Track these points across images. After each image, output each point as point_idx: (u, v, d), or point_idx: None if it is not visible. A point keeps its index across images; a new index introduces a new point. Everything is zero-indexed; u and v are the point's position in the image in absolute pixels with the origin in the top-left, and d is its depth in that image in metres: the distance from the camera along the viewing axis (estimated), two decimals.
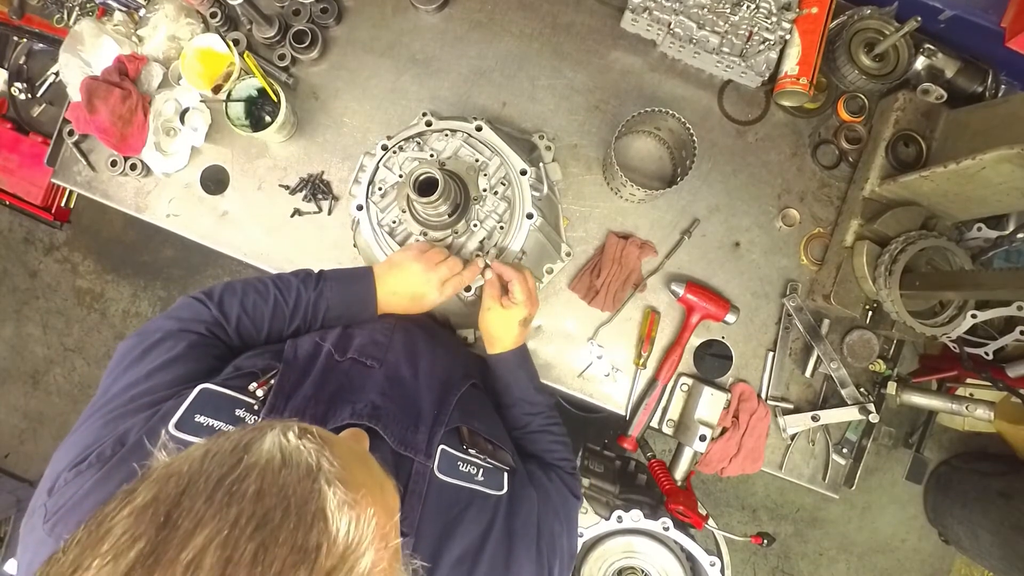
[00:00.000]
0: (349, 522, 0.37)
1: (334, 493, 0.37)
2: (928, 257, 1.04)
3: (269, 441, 0.39)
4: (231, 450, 0.38)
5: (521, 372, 0.92)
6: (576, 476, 0.88)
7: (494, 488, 0.68)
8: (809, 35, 1.08)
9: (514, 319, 0.90)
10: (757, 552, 2.26)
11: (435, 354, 0.83)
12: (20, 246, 2.41)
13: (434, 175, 0.84)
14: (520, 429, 0.90)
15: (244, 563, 0.33)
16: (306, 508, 0.36)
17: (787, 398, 1.13)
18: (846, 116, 1.15)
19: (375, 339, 0.80)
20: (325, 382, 0.70)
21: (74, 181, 1.19)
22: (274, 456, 0.38)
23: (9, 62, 1.44)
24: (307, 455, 0.39)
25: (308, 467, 0.38)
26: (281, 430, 0.40)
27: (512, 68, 1.18)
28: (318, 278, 0.87)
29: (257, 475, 0.37)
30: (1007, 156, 0.83)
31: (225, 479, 0.36)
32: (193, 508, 0.34)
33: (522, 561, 0.66)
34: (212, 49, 1.12)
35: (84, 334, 2.41)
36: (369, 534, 0.38)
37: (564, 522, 0.77)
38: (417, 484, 0.62)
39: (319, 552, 0.35)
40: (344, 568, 0.35)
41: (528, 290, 0.91)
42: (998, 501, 1.90)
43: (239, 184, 1.17)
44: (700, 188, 1.16)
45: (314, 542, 0.35)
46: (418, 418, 0.69)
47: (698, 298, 1.10)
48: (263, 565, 0.33)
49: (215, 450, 0.38)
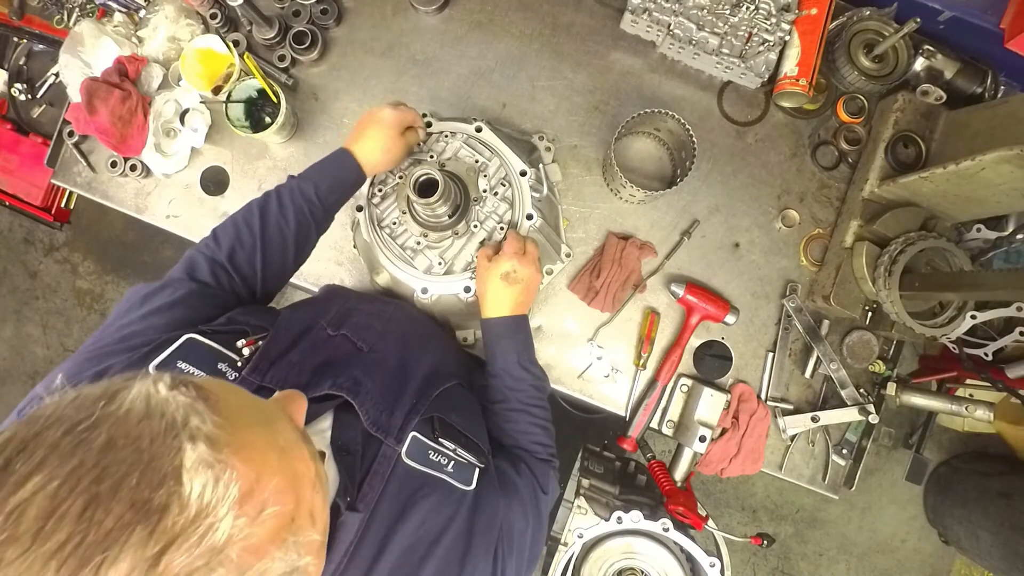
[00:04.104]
0: (206, 484, 0.34)
1: (195, 450, 0.34)
2: (928, 258, 1.04)
3: (136, 391, 0.36)
4: (96, 397, 0.36)
5: (508, 342, 0.90)
6: (551, 464, 0.86)
7: (462, 483, 0.67)
8: (808, 36, 1.08)
9: (497, 271, 0.89)
10: (757, 553, 2.26)
11: (425, 349, 0.84)
12: (20, 246, 2.41)
13: (434, 176, 0.84)
14: (499, 403, 0.88)
15: (71, 516, 0.30)
16: (158, 464, 0.33)
17: (787, 399, 1.13)
18: (845, 117, 1.15)
19: (371, 324, 0.81)
20: (313, 353, 0.71)
21: (74, 182, 1.19)
22: (135, 407, 0.35)
23: (9, 63, 1.45)
24: (174, 408, 0.36)
25: (172, 421, 0.35)
26: (153, 380, 0.37)
27: (512, 69, 1.18)
28: (291, 177, 0.90)
29: (112, 424, 0.34)
30: (1007, 157, 0.83)
31: (78, 426, 0.33)
32: (35, 453, 0.32)
33: (478, 560, 0.64)
34: (212, 50, 1.12)
35: (84, 334, 2.41)
36: (231, 499, 0.34)
37: (531, 518, 0.75)
38: (381, 466, 0.63)
39: (165, 512, 0.32)
40: (195, 534, 0.32)
41: (519, 245, 0.91)
42: (998, 501, 1.90)
43: (239, 185, 1.17)
44: (700, 189, 1.16)
45: (160, 501, 0.32)
46: (395, 403, 0.69)
47: (698, 299, 1.10)
48: (91, 521, 0.30)
49: (83, 395, 0.36)
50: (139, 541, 0.30)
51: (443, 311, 1.03)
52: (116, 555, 0.30)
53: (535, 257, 0.92)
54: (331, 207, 0.91)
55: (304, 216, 0.87)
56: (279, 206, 0.86)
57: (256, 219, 0.84)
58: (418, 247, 0.98)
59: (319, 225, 0.90)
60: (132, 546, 0.30)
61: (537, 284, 0.93)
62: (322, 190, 0.88)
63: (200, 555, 0.32)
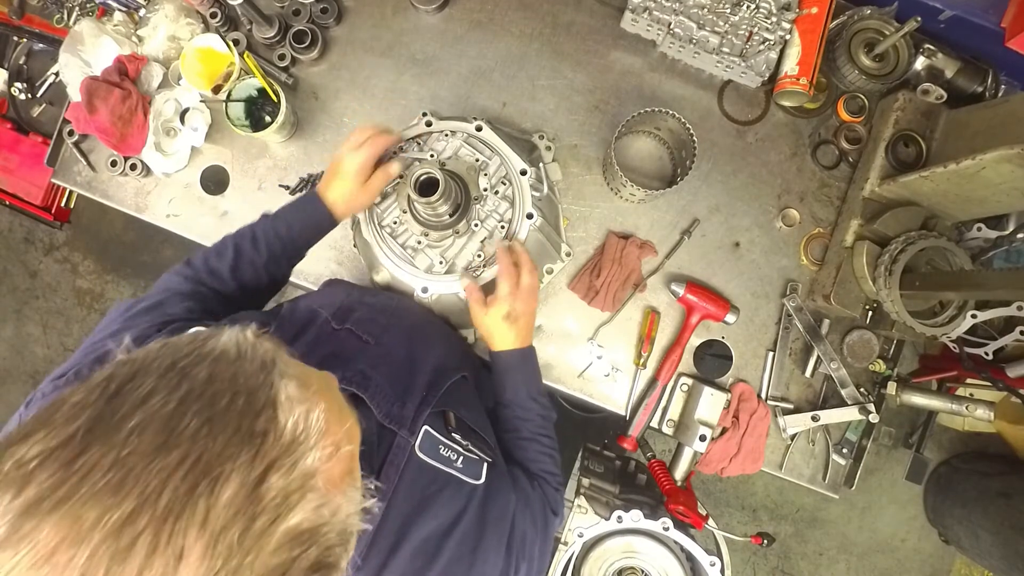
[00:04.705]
0: (298, 416, 0.37)
1: (286, 386, 0.38)
2: (928, 257, 1.04)
3: (227, 336, 0.40)
4: (188, 342, 0.39)
5: (515, 375, 0.91)
6: (560, 492, 0.87)
7: (472, 477, 0.68)
8: (809, 35, 1.08)
9: (496, 315, 0.89)
10: (757, 552, 2.26)
11: (432, 341, 0.84)
12: (20, 246, 2.41)
13: (435, 175, 0.84)
14: (510, 432, 0.89)
15: (187, 435, 0.33)
16: (256, 396, 0.37)
17: (787, 398, 1.13)
18: (846, 116, 1.15)
19: (375, 318, 0.80)
20: (317, 345, 0.71)
21: (74, 181, 1.19)
22: (229, 348, 0.39)
23: (9, 62, 1.44)
24: (263, 351, 0.40)
25: (263, 361, 0.39)
26: (240, 328, 0.41)
27: (512, 68, 1.18)
28: (265, 215, 0.90)
29: (211, 362, 0.37)
30: (1007, 156, 0.83)
31: (179, 363, 0.37)
32: (144, 383, 0.35)
33: (489, 552, 0.65)
34: (212, 49, 1.12)
35: (84, 334, 2.40)
36: (318, 432, 0.38)
37: (539, 532, 0.76)
38: (396, 457, 0.63)
39: (265, 438, 0.35)
40: (289, 459, 0.36)
41: (512, 281, 0.89)
42: (998, 501, 1.90)
43: (239, 184, 1.17)
44: (700, 188, 1.16)
45: (261, 428, 0.35)
46: (406, 395, 0.69)
47: (698, 298, 1.10)
48: (207, 440, 0.33)
49: (173, 342, 0.39)
50: (246, 461, 0.34)
51: (443, 310, 1.03)
52: (228, 473, 0.33)
53: (528, 288, 0.90)
54: (302, 247, 0.91)
55: (272, 255, 0.87)
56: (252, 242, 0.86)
57: (230, 248, 0.85)
58: (419, 246, 0.98)
59: (290, 261, 0.91)
60: (241, 466, 0.34)
61: (534, 310, 0.93)
62: (295, 230, 0.88)
63: (295, 479, 0.36)
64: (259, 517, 0.33)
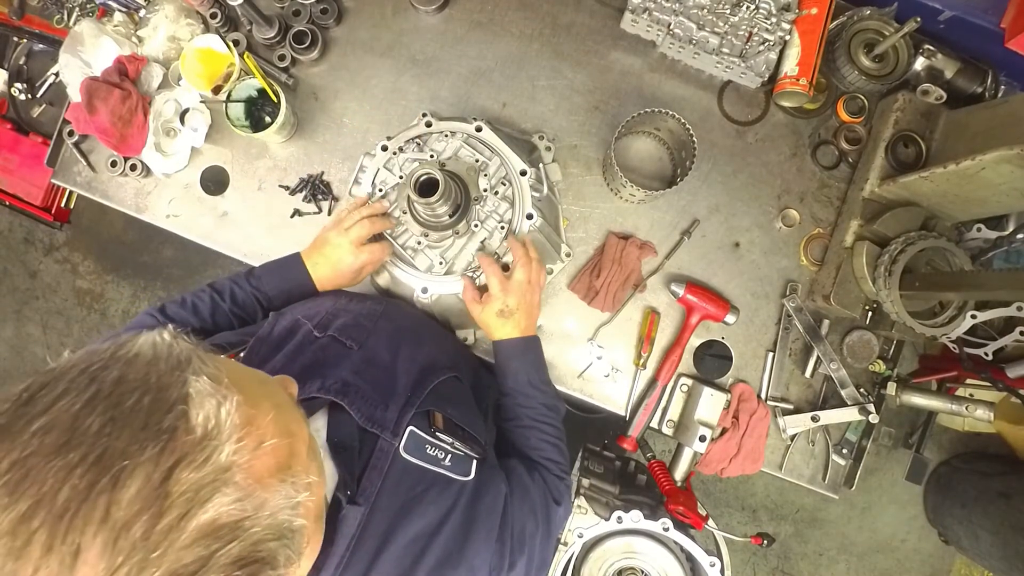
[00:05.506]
0: (209, 411, 0.37)
1: (199, 382, 0.38)
2: (928, 258, 1.04)
3: (143, 338, 0.41)
4: (106, 348, 0.40)
5: (517, 363, 0.92)
6: (564, 481, 0.86)
7: (460, 474, 0.68)
8: (809, 36, 1.08)
9: (490, 312, 0.91)
10: (757, 552, 2.26)
11: (420, 343, 0.84)
12: (20, 246, 2.41)
13: (434, 176, 0.84)
14: (511, 421, 0.90)
15: (90, 433, 0.34)
16: (166, 393, 0.37)
17: (787, 398, 1.13)
18: (846, 117, 1.15)
19: (359, 322, 0.80)
20: (298, 355, 0.71)
21: (74, 181, 1.19)
22: (144, 352, 0.39)
23: (9, 62, 1.44)
24: (179, 351, 0.40)
25: (178, 360, 0.39)
26: (158, 331, 0.42)
27: (512, 69, 1.18)
28: (248, 274, 0.91)
29: (123, 364, 0.38)
30: (1007, 157, 0.83)
31: (92, 367, 0.38)
32: (56, 388, 0.36)
33: (479, 547, 0.65)
34: (212, 50, 1.12)
35: (84, 334, 2.41)
36: (231, 426, 0.38)
37: (540, 523, 0.76)
38: (379, 460, 0.63)
39: (174, 434, 0.35)
40: (201, 454, 0.36)
41: (499, 277, 0.91)
42: (998, 501, 1.90)
43: (239, 185, 1.17)
44: (700, 188, 1.16)
45: (169, 424, 0.36)
46: (389, 397, 0.69)
47: (698, 298, 1.10)
48: (110, 438, 0.34)
49: (93, 349, 0.40)
50: (152, 457, 0.34)
51: (443, 311, 1.03)
52: (132, 469, 0.34)
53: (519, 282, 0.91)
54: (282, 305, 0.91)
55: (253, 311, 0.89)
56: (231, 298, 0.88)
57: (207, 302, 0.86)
58: (419, 247, 0.98)
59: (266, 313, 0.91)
60: (146, 461, 0.34)
61: (536, 302, 0.94)
62: (279, 300, 0.90)
63: (208, 474, 0.36)
64: (168, 512, 0.34)
